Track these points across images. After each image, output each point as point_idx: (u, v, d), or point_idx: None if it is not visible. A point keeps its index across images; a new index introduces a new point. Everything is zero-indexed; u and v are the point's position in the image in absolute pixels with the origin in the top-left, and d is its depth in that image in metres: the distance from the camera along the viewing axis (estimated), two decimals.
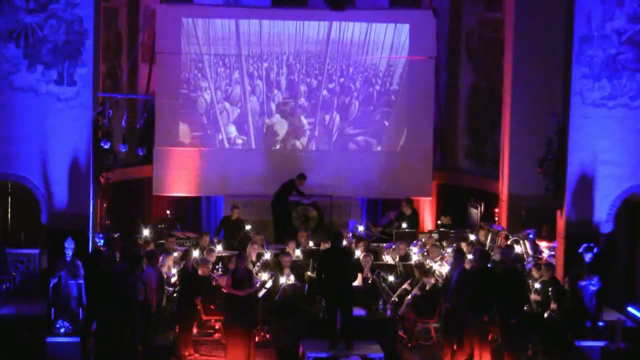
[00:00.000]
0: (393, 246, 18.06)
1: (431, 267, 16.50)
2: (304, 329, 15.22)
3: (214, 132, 22.26)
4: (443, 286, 15.32)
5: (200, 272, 15.59)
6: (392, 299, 15.95)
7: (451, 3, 22.54)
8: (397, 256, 17.39)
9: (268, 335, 15.78)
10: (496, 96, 20.89)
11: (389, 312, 15.80)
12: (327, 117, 22.49)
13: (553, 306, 15.16)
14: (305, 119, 22.47)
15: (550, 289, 15.36)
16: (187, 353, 15.16)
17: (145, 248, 16.46)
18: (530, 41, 19.19)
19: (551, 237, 17.86)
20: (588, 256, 15.73)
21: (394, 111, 22.50)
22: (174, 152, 22.08)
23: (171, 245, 17.30)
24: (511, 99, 19.53)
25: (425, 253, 17.55)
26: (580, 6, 16.38)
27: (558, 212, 16.92)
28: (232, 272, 14.87)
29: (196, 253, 16.70)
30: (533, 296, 15.59)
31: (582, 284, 15.38)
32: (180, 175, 22.08)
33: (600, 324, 15.44)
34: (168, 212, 20.83)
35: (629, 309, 16.71)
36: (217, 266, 16.69)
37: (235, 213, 19.77)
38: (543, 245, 18.07)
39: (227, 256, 17.16)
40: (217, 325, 16.00)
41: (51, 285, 15.03)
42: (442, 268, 16.61)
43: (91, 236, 16.43)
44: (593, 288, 15.43)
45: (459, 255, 15.17)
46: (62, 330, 14.90)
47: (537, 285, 15.74)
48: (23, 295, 16.62)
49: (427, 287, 15.80)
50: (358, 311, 15.43)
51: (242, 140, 22.34)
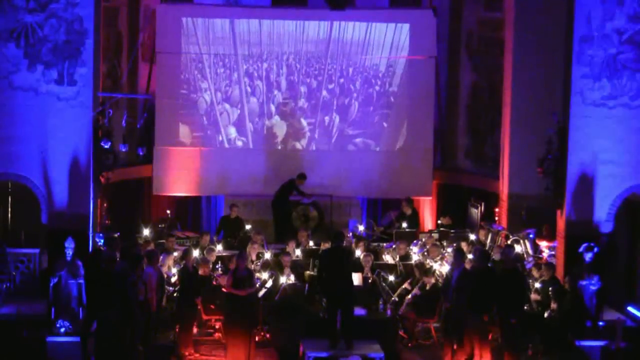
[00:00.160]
0: (393, 246, 18.05)
1: (431, 267, 16.50)
2: (304, 329, 15.22)
3: (214, 133, 22.24)
4: (443, 286, 15.32)
5: (200, 272, 15.59)
6: (393, 299, 15.96)
7: (451, 3, 22.49)
8: (398, 256, 17.38)
9: (268, 335, 15.78)
10: (496, 96, 20.86)
11: (389, 312, 15.81)
12: (327, 119, 22.47)
13: (553, 306, 15.14)
14: (304, 121, 22.45)
15: (550, 289, 15.34)
16: (187, 353, 15.16)
17: (145, 248, 16.44)
18: (530, 41, 19.16)
19: (551, 237, 17.84)
20: (588, 256, 15.72)
21: (394, 111, 22.46)
22: (174, 152, 22.06)
23: (171, 245, 17.31)
24: (511, 99, 19.49)
25: (425, 253, 17.55)
26: (580, 6, 16.38)
27: (558, 212, 16.93)
28: (233, 272, 14.85)
29: (196, 253, 16.70)
30: (533, 296, 15.59)
31: (582, 284, 15.37)
32: (180, 175, 22.06)
33: (600, 324, 15.42)
34: (168, 212, 20.84)
35: (629, 309, 16.70)
36: (217, 266, 16.67)
37: (234, 211, 19.74)
38: (543, 245, 18.04)
39: (227, 256, 17.14)
40: (218, 325, 15.98)
41: (51, 285, 15.01)
42: (442, 268, 16.60)
43: (91, 236, 16.43)
44: (593, 288, 15.42)
45: (459, 255, 15.17)
46: (63, 330, 14.87)
47: (537, 285, 15.73)
48: (23, 294, 16.60)
49: (427, 287, 15.81)
50: (358, 311, 15.42)
51: (242, 141, 22.32)
